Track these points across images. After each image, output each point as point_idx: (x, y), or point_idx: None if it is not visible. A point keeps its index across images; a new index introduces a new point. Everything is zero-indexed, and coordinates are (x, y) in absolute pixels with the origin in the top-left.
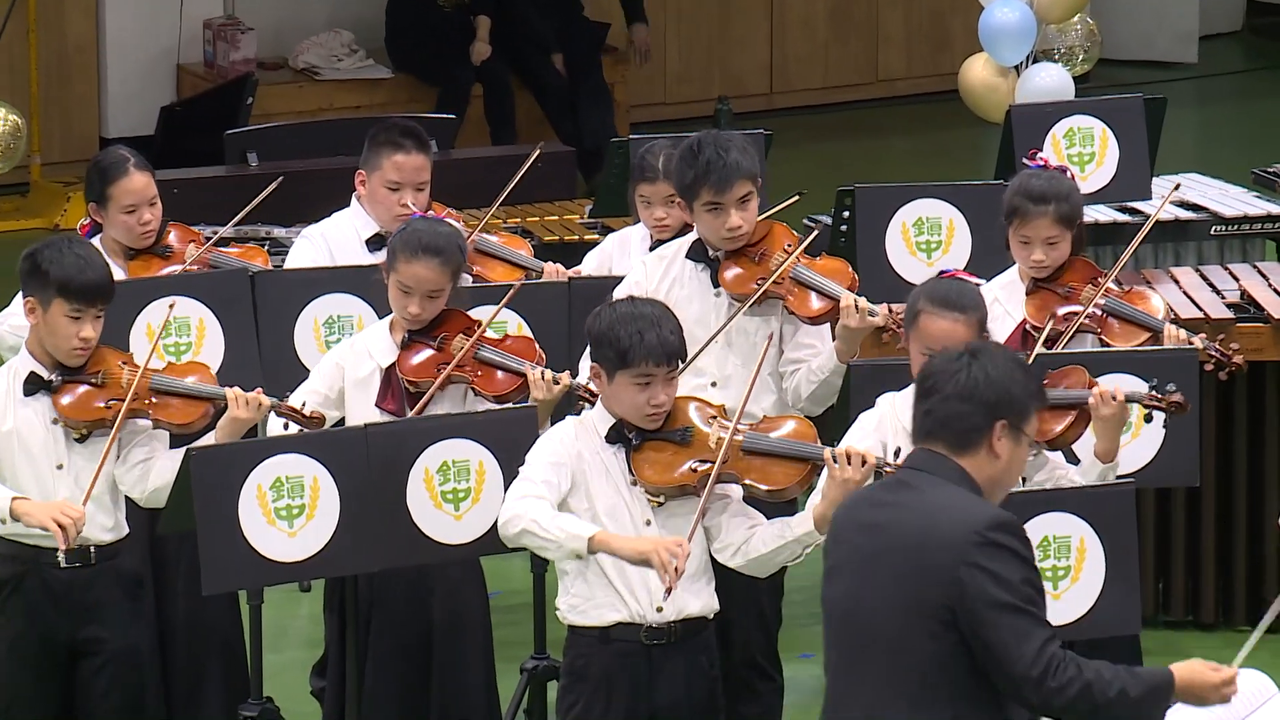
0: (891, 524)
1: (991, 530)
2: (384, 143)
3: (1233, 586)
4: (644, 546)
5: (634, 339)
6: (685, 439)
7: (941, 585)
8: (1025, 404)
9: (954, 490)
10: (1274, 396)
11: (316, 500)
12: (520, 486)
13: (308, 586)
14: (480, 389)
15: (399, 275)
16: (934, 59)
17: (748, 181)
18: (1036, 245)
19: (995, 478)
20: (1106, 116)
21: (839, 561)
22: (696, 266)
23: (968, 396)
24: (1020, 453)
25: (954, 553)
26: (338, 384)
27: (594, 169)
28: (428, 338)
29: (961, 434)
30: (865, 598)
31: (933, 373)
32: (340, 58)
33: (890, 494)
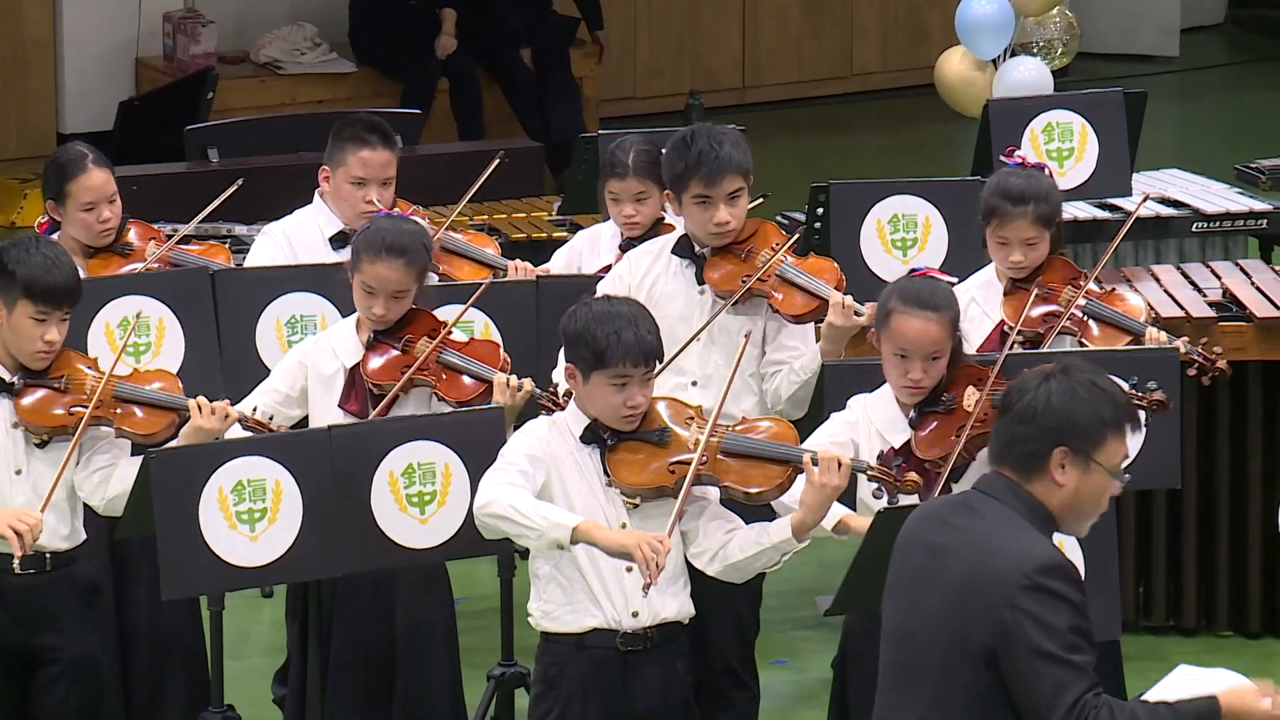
0: (950, 550)
1: (1041, 574)
2: (348, 138)
3: (1215, 590)
4: (627, 540)
5: (611, 339)
6: (662, 440)
7: (985, 625)
8: (1093, 431)
9: (1015, 523)
10: (1257, 396)
11: (279, 503)
12: (496, 473)
13: (270, 592)
14: (443, 394)
15: (362, 276)
16: (910, 52)
17: (739, 176)
18: (1015, 246)
19: (1065, 507)
20: (1086, 111)
21: (899, 580)
22: (682, 263)
23: (1029, 418)
24: (1093, 482)
25: (1001, 593)
26: (299, 382)
27: (562, 165)
28: (393, 339)
29: (1022, 458)
30: (914, 622)
31: (1012, 388)
32: (303, 51)
33: (956, 516)
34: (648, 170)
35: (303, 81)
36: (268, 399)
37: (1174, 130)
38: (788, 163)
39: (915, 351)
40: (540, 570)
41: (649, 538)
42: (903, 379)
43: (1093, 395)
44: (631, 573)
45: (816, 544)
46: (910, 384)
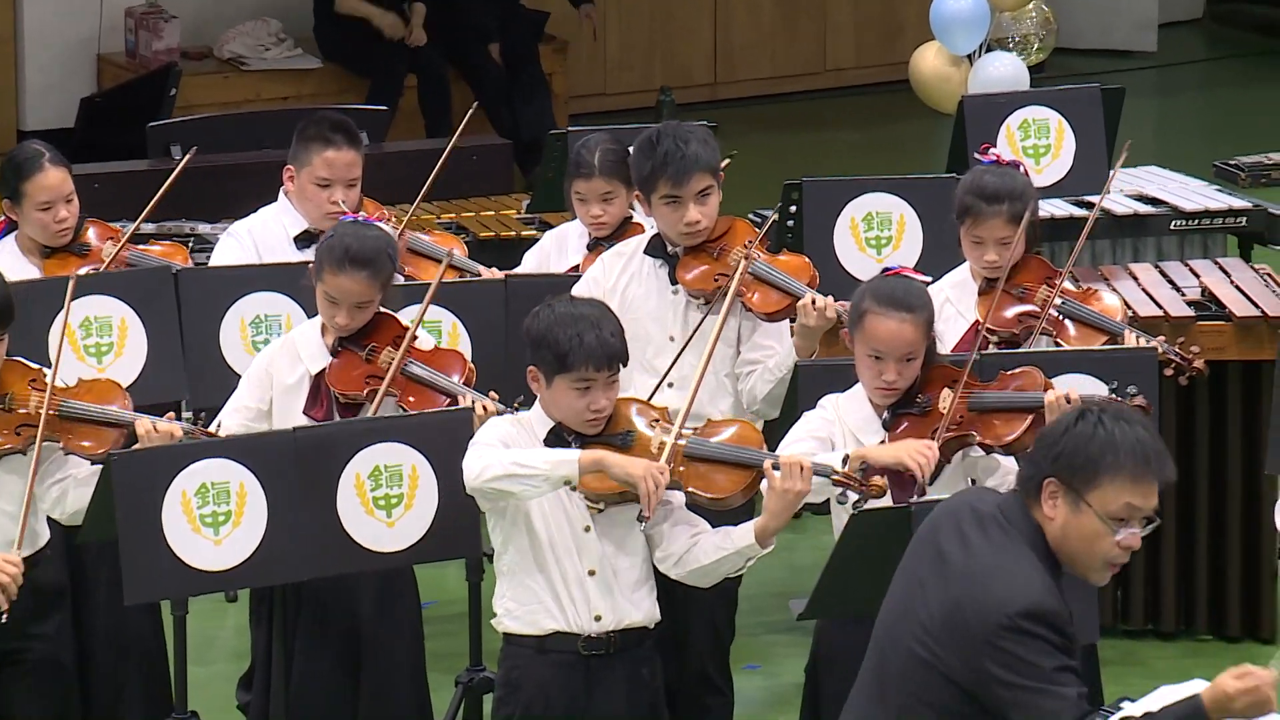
0: (952, 567)
1: (1023, 618)
2: (313, 137)
3: (1194, 594)
4: (635, 469)
5: (573, 342)
6: (626, 443)
7: (964, 655)
8: (1087, 469)
9: (1018, 553)
10: (1236, 397)
11: (243, 507)
12: (477, 449)
13: (234, 596)
14: (409, 409)
15: (325, 286)
16: (884, 48)
17: (707, 175)
18: (990, 245)
19: (1059, 541)
20: (1062, 107)
21: (905, 571)
22: (655, 263)
23: (1038, 443)
24: (1082, 523)
25: (981, 629)
26: (268, 393)
27: (531, 162)
28: (358, 346)
29: (1022, 481)
30: (904, 625)
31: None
32: (267, 47)
33: (971, 529)
34: (614, 170)
35: (267, 78)
36: (240, 418)
37: (1152, 127)
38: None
39: (889, 352)
40: (504, 566)
41: (655, 468)
42: (876, 380)
43: (1101, 436)
44: (595, 576)
45: (788, 547)
46: (884, 385)
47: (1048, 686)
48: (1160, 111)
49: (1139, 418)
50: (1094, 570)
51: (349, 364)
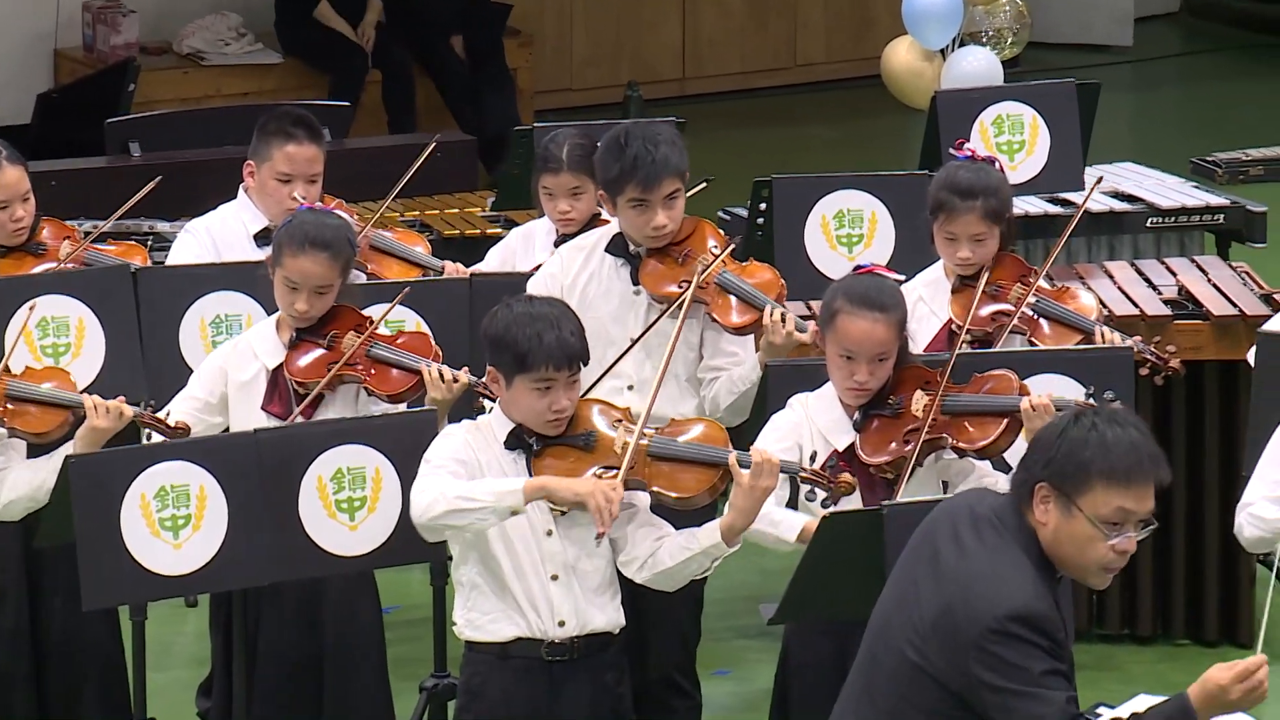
0: (947, 568)
1: (1011, 622)
2: (274, 132)
3: (1171, 598)
4: (582, 488)
5: (532, 341)
6: (589, 444)
7: (952, 658)
8: (1083, 476)
9: (1010, 557)
10: (1213, 398)
11: (203, 510)
12: (426, 478)
13: (194, 601)
14: (373, 388)
15: (285, 270)
16: (856, 43)
17: (676, 178)
18: (963, 242)
19: (1052, 545)
20: (1037, 103)
21: (902, 571)
22: (616, 262)
23: (1032, 446)
24: (1074, 529)
25: (969, 632)
26: (220, 388)
27: (496, 159)
28: (317, 336)
29: (1015, 485)
30: (895, 626)
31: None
32: (227, 42)
33: (967, 532)
34: (583, 164)
35: (227, 73)
36: (187, 406)
37: (1128, 122)
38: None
39: (861, 353)
40: (464, 577)
41: (604, 485)
42: (848, 380)
43: (1094, 439)
44: (558, 581)
45: (758, 550)
46: (855, 386)
47: (1035, 690)
48: (1136, 107)
49: (1133, 420)
50: (1090, 574)
51: (308, 352)
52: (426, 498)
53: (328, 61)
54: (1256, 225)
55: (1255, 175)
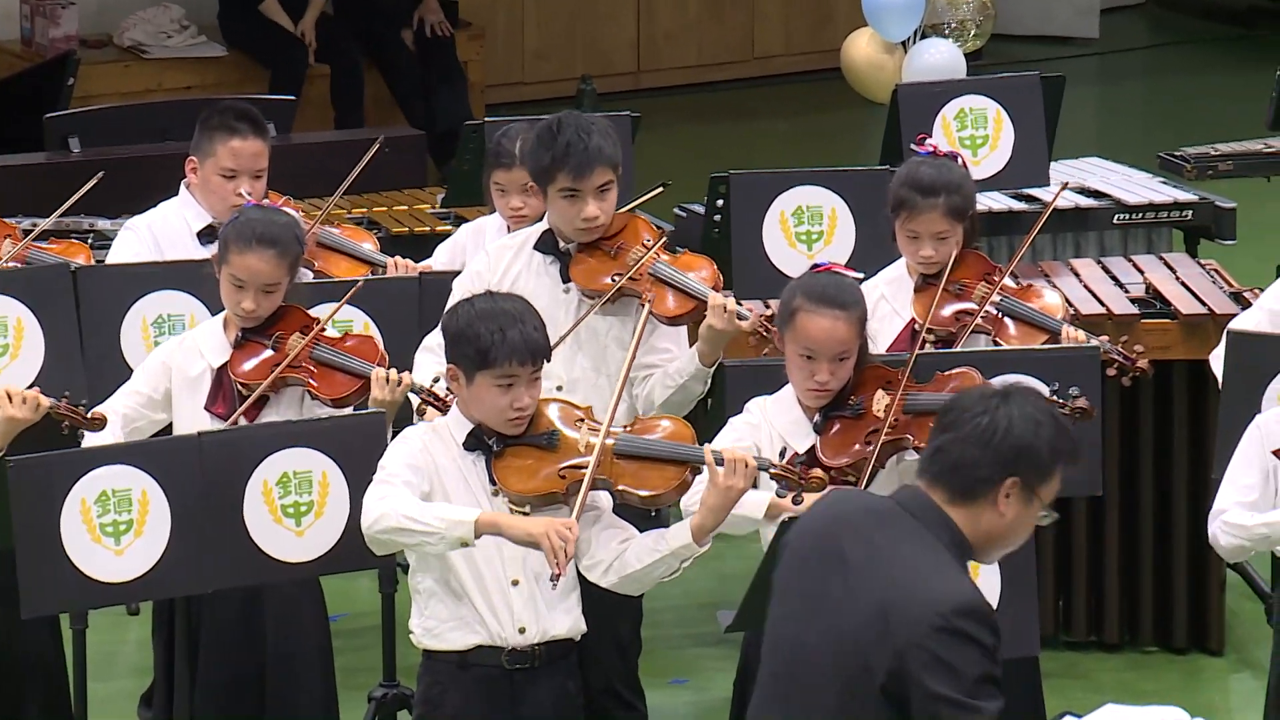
0: (861, 569)
1: (957, 616)
2: (217, 127)
3: (1139, 603)
4: (535, 528)
5: (495, 337)
6: (551, 444)
7: (890, 660)
8: (1047, 464)
9: (935, 552)
10: (1182, 398)
11: (146, 515)
12: (379, 487)
13: (136, 609)
14: (317, 391)
15: (231, 268)
16: (814, 35)
17: (609, 169)
18: (925, 240)
19: (994, 535)
20: (1001, 96)
21: (798, 587)
22: (545, 259)
23: (985, 443)
24: (1028, 515)
25: (910, 631)
26: (163, 384)
27: (446, 154)
28: (263, 336)
29: (968, 484)
30: (812, 638)
31: (958, 405)
32: (169, 34)
33: (874, 529)
34: None
35: (169, 66)
36: (129, 401)
37: (1094, 116)
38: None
39: (822, 352)
40: (421, 585)
41: (557, 524)
42: (808, 381)
43: (1052, 427)
44: (518, 586)
45: (716, 556)
46: (816, 386)
47: (968, 700)
48: (1102, 100)
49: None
50: (1007, 552)
51: (253, 353)
52: (376, 509)
53: (270, 55)
54: (1226, 222)
55: (1224, 170)
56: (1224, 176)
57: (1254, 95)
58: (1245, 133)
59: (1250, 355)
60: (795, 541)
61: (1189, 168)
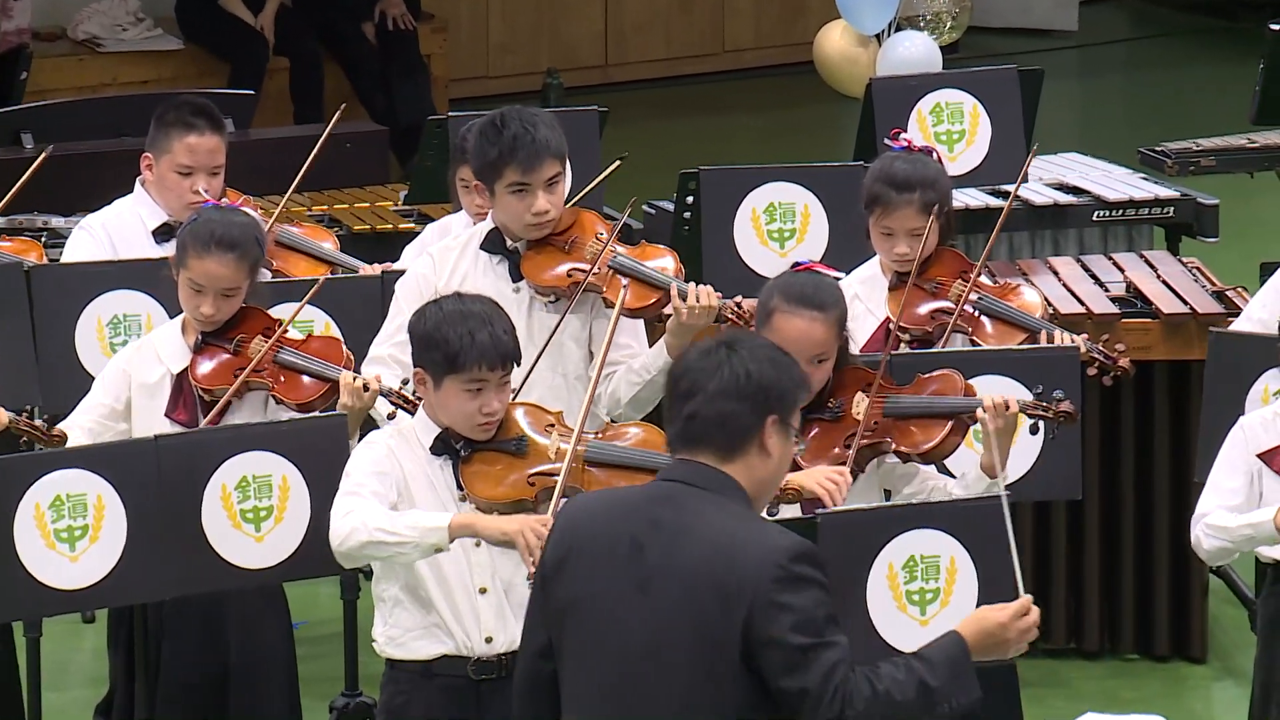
0: (672, 548)
1: (793, 562)
2: (173, 123)
3: (1119, 610)
4: (510, 526)
5: (464, 340)
6: (520, 450)
7: (739, 622)
8: (793, 395)
9: (734, 510)
10: (1163, 400)
11: (101, 520)
12: (346, 501)
13: (91, 617)
14: (282, 396)
15: (190, 272)
16: (786, 27)
17: (557, 161)
18: (900, 237)
19: (766, 479)
20: (977, 90)
21: (604, 585)
22: (492, 259)
23: (735, 393)
24: (789, 449)
25: (752, 587)
26: (124, 393)
27: (409, 150)
28: (223, 340)
29: (733, 435)
30: (643, 629)
31: (689, 370)
32: (124, 27)
33: (663, 510)
34: None
35: (124, 60)
36: (93, 415)
37: (1073, 111)
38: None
39: (800, 353)
40: (385, 593)
41: (532, 522)
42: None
43: (786, 360)
44: (486, 594)
45: None
46: None
47: (825, 640)
48: (1082, 94)
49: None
50: (774, 492)
51: (214, 357)
52: (346, 525)
53: (229, 48)
54: (1208, 219)
55: (1206, 166)
56: (1206, 172)
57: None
58: (1228, 127)
59: (1233, 356)
60: (578, 550)
61: (1170, 163)
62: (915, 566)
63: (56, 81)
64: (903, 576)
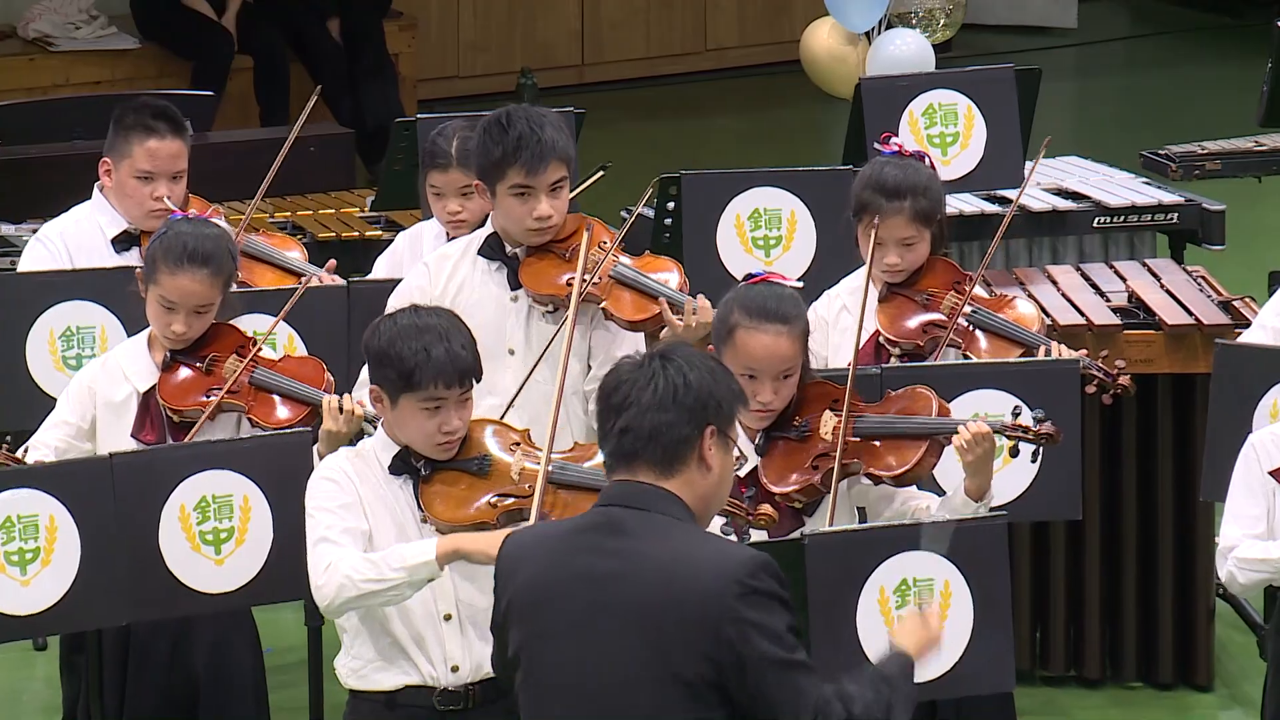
0: (621, 576)
1: (751, 577)
2: (132, 126)
3: (1121, 636)
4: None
5: (419, 356)
6: (483, 469)
7: (704, 646)
8: (731, 405)
9: (680, 529)
10: (1167, 415)
11: (54, 543)
12: (322, 552)
13: (43, 644)
14: (259, 420)
15: (160, 289)
16: (772, 25)
17: (562, 165)
18: (890, 247)
19: (708, 494)
20: (972, 91)
21: (551, 627)
22: (490, 265)
23: (670, 404)
24: (730, 462)
25: (716, 609)
26: (90, 411)
27: (376, 154)
28: (193, 358)
29: (670, 448)
30: (599, 666)
31: (621, 384)
32: (77, 25)
33: (609, 539)
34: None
35: (78, 59)
36: (58, 434)
37: (1072, 112)
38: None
39: (764, 370)
40: (346, 622)
41: None
42: (750, 402)
43: (721, 370)
44: (450, 621)
45: None
46: (759, 407)
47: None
48: (1081, 95)
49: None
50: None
51: (185, 377)
52: (332, 583)
53: (190, 47)
54: (1213, 225)
55: (1212, 170)
56: (1211, 177)
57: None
58: (1234, 130)
59: (1240, 369)
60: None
61: (1174, 167)
62: (907, 590)
63: (6, 82)
64: (894, 601)
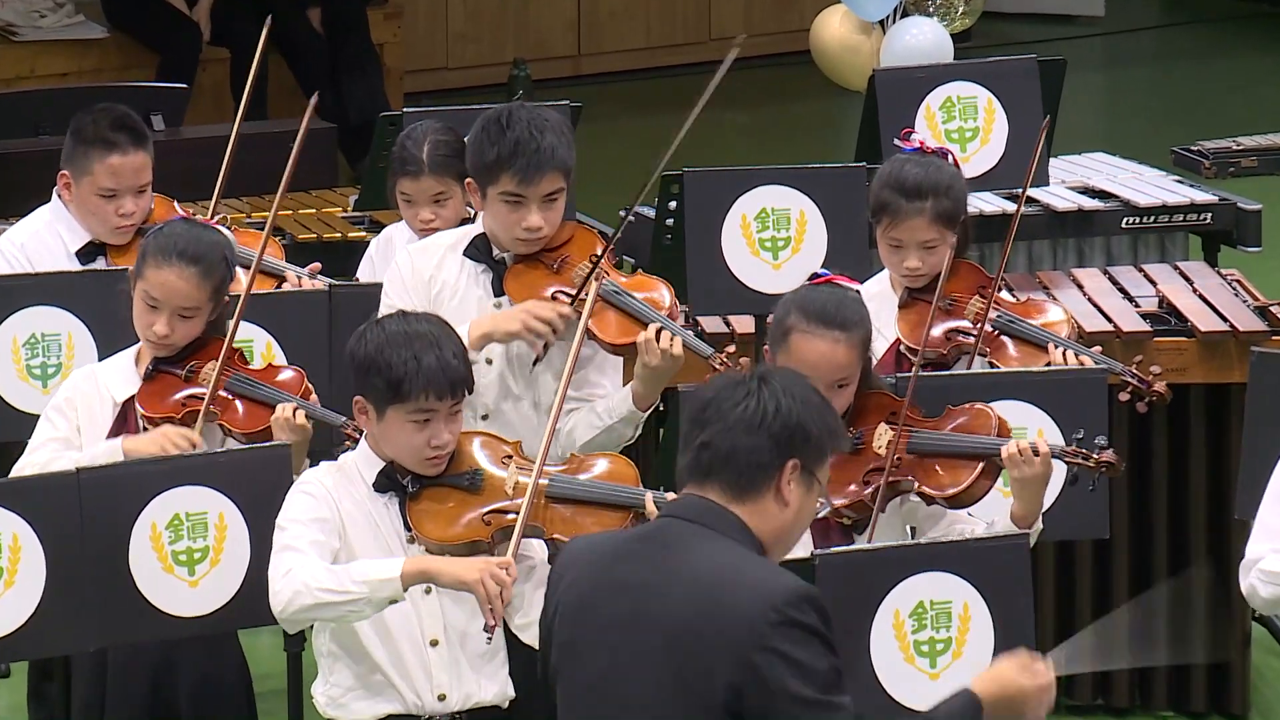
0: (656, 590)
1: (792, 607)
2: (91, 140)
3: None
4: (468, 574)
5: (409, 365)
6: (474, 485)
7: (730, 672)
8: (822, 443)
9: (734, 549)
10: (1199, 427)
11: (17, 563)
12: (284, 558)
13: (6, 671)
14: (230, 426)
15: (145, 283)
16: (780, 13)
17: (560, 175)
18: (911, 250)
19: (781, 531)
20: (993, 83)
21: (586, 634)
22: (477, 268)
23: (755, 427)
24: (810, 503)
25: (747, 634)
26: (75, 423)
27: (359, 150)
28: (176, 367)
29: (746, 473)
30: (622, 681)
31: (712, 399)
32: (42, 13)
33: (652, 550)
34: (446, 166)
35: (42, 50)
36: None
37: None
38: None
39: (819, 378)
40: (322, 646)
41: (493, 566)
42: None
43: (821, 405)
44: (437, 647)
45: None
46: None
47: (825, 697)
48: (1109, 87)
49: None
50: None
51: (164, 384)
52: (288, 589)
53: (158, 37)
54: (1249, 226)
55: (1247, 167)
56: (1247, 174)
57: None
58: (1270, 125)
59: (1278, 379)
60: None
61: (1207, 164)
62: (924, 614)
63: None
64: (910, 625)
